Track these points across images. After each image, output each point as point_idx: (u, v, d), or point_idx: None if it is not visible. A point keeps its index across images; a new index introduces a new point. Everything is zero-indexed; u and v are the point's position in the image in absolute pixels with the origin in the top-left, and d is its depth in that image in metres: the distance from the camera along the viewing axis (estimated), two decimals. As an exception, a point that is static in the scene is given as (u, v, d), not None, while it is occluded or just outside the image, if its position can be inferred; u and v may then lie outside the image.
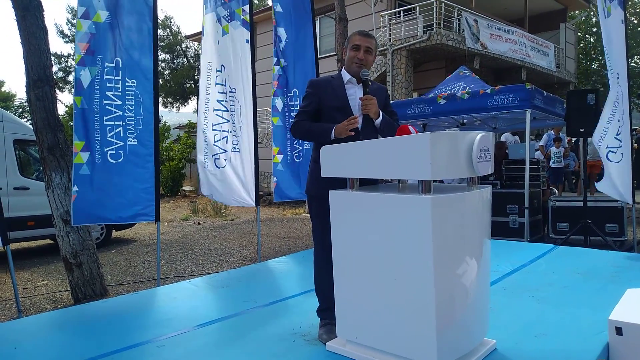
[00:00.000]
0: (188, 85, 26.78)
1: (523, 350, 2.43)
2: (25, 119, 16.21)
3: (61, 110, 21.91)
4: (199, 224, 10.05)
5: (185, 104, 28.16)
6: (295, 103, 5.67)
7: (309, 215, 2.84)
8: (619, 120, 5.17)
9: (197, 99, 5.41)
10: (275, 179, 5.56)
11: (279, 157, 5.57)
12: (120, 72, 4.29)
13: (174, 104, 28.04)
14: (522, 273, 3.99)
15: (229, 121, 5.26)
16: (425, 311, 2.07)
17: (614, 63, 5.22)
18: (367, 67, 2.72)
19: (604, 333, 2.49)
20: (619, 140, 5.15)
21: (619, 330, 2.40)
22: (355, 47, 2.73)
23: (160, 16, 29.27)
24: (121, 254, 6.95)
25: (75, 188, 4.08)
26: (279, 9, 5.54)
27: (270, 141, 15.06)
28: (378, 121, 2.73)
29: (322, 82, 2.82)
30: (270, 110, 5.69)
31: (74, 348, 2.74)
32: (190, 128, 19.40)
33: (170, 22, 28.24)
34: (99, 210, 4.19)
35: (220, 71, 5.22)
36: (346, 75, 2.79)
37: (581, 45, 22.29)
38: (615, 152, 5.21)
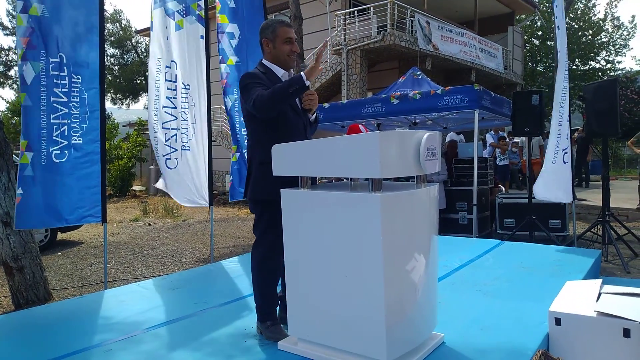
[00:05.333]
0: (138, 82, 26.06)
1: (469, 343, 2.50)
2: (-38, 116, 15.28)
3: (1, 106, 20.83)
4: (149, 224, 9.78)
5: (135, 100, 27.43)
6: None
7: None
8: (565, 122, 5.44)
9: (148, 96, 5.24)
10: (231, 177, 5.48)
11: (237, 156, 5.49)
12: (65, 67, 4.10)
13: (124, 101, 27.24)
14: (470, 268, 4.12)
15: (177, 118, 5.13)
16: (375, 307, 2.10)
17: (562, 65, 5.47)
18: None
19: (544, 324, 2.61)
20: (567, 140, 5.41)
21: (558, 321, 2.52)
22: (289, 40, 2.66)
23: (110, 10, 28.38)
24: (67, 256, 6.68)
25: (19, 190, 3.84)
26: (232, 4, 5.44)
27: (223, 139, 14.95)
28: (313, 117, 2.76)
29: (260, 76, 2.62)
30: (224, 107, 5.60)
31: (15, 356, 2.61)
32: (140, 125, 18.85)
33: (120, 16, 27.45)
34: (44, 214, 3.98)
35: (170, 67, 5.08)
36: (279, 70, 2.69)
37: (527, 48, 23.23)
38: (567, 153, 5.46)
